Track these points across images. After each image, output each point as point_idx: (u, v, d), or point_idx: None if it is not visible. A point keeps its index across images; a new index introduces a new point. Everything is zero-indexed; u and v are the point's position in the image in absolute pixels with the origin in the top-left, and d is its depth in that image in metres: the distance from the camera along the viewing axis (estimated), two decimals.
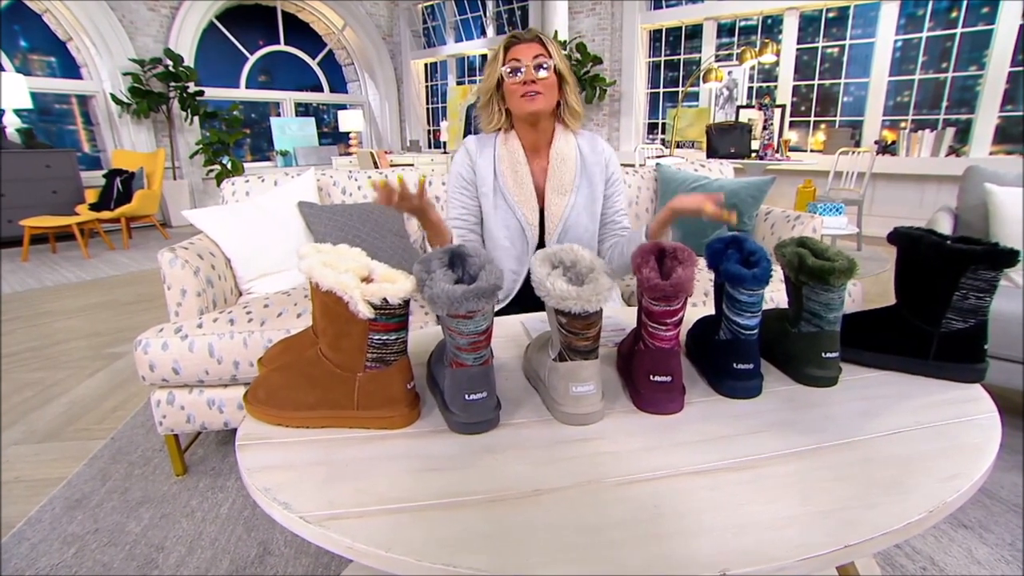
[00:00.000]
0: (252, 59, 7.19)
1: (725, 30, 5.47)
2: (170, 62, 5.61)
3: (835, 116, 4.96)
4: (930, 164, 4.22)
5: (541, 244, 1.30)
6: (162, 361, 1.33)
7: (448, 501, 0.55)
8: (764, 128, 4.36)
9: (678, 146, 5.36)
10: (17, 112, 4.88)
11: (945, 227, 1.78)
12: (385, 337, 0.66)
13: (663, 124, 6.02)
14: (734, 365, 0.75)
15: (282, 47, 7.51)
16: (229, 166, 5.76)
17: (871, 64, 4.57)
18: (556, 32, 5.82)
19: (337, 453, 0.64)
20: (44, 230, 4.34)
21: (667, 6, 5.69)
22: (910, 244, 0.83)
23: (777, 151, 4.31)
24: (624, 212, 1.37)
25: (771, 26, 5.18)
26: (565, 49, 5.83)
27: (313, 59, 7.87)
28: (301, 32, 7.70)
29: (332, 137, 8.27)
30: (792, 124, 5.08)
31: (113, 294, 3.29)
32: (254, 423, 0.71)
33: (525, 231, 1.27)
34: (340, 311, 0.65)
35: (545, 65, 1.18)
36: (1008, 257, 0.75)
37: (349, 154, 7.11)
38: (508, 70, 1.19)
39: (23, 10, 5.37)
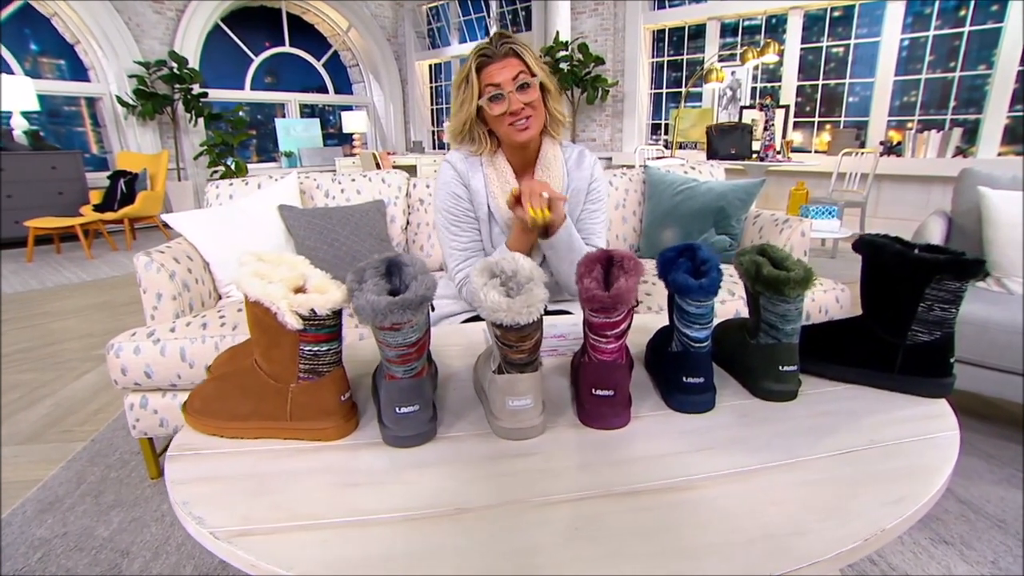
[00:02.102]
0: (257, 60, 7.24)
1: (729, 30, 5.42)
2: (174, 64, 5.67)
3: (840, 116, 4.88)
4: (936, 165, 4.14)
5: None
6: (134, 365, 1.32)
7: (363, 519, 0.53)
8: (765, 129, 4.30)
9: (680, 147, 5.31)
10: (25, 114, 4.95)
11: (937, 231, 1.73)
12: (316, 348, 0.64)
13: (666, 125, 5.96)
14: (684, 379, 0.72)
15: (287, 49, 7.55)
16: (233, 167, 5.80)
17: (876, 64, 4.49)
18: (558, 33, 5.78)
19: (264, 466, 0.63)
20: (48, 231, 4.40)
21: (670, 6, 5.64)
22: (874, 252, 0.80)
23: (779, 152, 4.24)
24: (600, 238, 1.28)
25: (775, 25, 5.11)
26: (567, 49, 5.79)
27: (318, 60, 7.91)
28: (306, 34, 7.74)
29: (337, 138, 8.32)
30: (796, 124, 5.01)
31: (111, 295, 3.32)
32: (191, 433, 0.70)
33: None
34: (270, 322, 0.63)
35: (528, 83, 1.07)
36: (973, 267, 0.72)
37: (353, 155, 7.14)
38: (487, 100, 1.08)
39: (32, 13, 5.45)
